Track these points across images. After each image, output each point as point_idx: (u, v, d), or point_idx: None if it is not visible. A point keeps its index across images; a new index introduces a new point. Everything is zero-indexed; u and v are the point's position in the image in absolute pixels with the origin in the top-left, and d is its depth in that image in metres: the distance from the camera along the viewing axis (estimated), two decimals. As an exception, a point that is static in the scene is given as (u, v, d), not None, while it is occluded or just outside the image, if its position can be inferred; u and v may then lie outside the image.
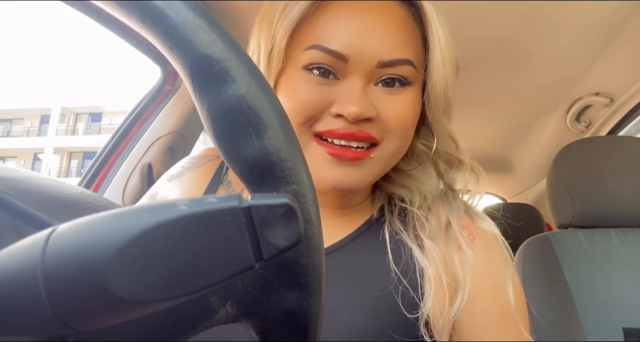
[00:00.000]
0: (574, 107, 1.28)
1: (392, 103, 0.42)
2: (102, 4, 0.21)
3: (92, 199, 0.23)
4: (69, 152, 17.37)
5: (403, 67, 0.42)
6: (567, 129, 1.38)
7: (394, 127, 0.43)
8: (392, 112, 0.42)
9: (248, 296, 0.22)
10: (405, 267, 0.47)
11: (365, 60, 0.41)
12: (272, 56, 0.44)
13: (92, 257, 0.14)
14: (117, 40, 0.91)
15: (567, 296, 0.81)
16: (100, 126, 17.08)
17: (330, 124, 0.42)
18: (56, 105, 17.06)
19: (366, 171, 0.43)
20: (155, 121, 0.99)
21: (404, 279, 0.45)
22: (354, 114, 0.40)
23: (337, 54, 0.41)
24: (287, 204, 0.16)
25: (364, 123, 0.41)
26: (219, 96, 0.20)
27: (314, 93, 0.42)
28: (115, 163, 0.96)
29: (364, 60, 0.41)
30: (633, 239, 0.86)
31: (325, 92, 0.42)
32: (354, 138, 0.41)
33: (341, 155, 0.41)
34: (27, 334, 0.16)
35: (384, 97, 0.42)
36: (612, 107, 1.23)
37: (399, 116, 0.42)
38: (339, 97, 0.41)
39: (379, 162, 0.44)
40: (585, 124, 1.34)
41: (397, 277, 0.46)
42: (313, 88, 0.42)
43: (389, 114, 0.42)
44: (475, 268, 0.45)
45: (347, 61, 0.41)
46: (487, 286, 0.46)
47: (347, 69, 0.42)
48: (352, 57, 0.41)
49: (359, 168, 0.43)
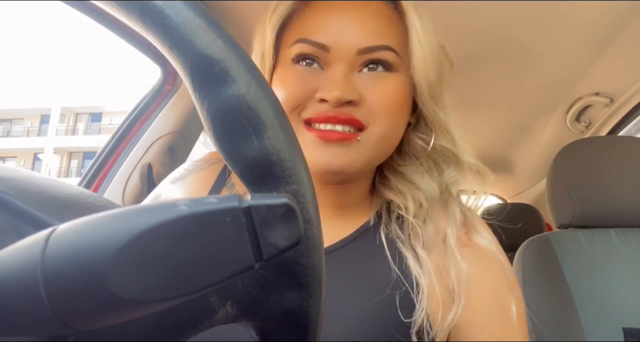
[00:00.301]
0: (574, 107, 1.28)
1: (375, 87, 0.44)
2: (102, 4, 0.21)
3: (92, 199, 0.23)
4: (69, 152, 17.38)
5: (383, 52, 0.45)
6: (567, 129, 1.38)
7: (379, 110, 0.44)
8: (376, 96, 0.44)
9: (248, 296, 0.22)
10: (401, 272, 0.47)
11: (346, 48, 0.44)
12: (264, 53, 0.48)
13: (92, 257, 0.14)
14: (117, 40, 0.91)
15: (567, 296, 0.81)
16: (100, 126, 17.09)
17: (316, 109, 0.44)
18: (56, 105, 17.06)
19: (355, 153, 0.44)
20: (155, 121, 0.99)
21: (399, 284, 0.46)
22: (335, 98, 0.42)
23: (319, 45, 0.44)
24: (287, 204, 0.16)
25: (347, 106, 0.43)
26: (218, 96, 0.20)
27: (300, 81, 0.45)
28: (115, 163, 0.96)
29: (344, 48, 0.44)
30: (633, 239, 0.86)
31: (310, 80, 0.44)
32: (337, 121, 0.43)
33: (328, 137, 0.43)
34: (27, 334, 0.16)
35: (368, 82, 0.45)
36: (612, 107, 1.23)
37: (383, 99, 0.44)
38: (323, 83, 0.44)
39: (367, 145, 0.45)
40: (585, 124, 1.34)
41: (393, 281, 0.46)
42: (299, 77, 0.45)
43: (373, 98, 0.44)
44: (472, 281, 0.46)
45: (329, 50, 0.44)
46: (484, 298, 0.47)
47: (329, 58, 0.44)
48: (333, 45, 0.44)
49: (348, 149, 0.44)
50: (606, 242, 0.86)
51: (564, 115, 1.34)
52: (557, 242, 0.88)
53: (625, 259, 0.84)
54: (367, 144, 0.45)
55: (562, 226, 0.93)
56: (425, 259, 0.47)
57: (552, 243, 0.88)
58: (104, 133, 16.18)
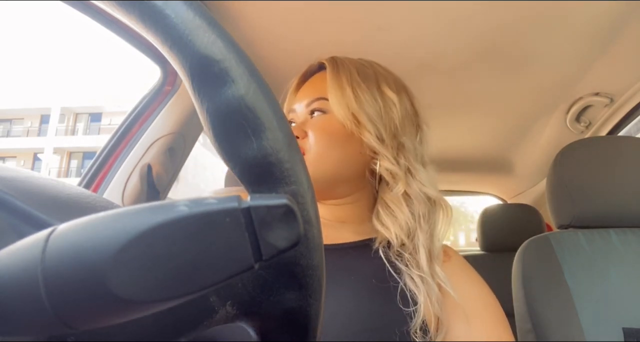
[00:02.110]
0: (574, 107, 1.28)
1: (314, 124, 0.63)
2: (102, 4, 0.21)
3: (92, 199, 0.23)
4: (69, 152, 17.36)
5: (317, 102, 0.64)
6: (567, 129, 1.37)
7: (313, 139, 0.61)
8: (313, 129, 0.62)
9: (248, 296, 0.22)
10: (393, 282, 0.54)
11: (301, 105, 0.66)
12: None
13: (92, 258, 0.14)
14: (117, 40, 0.91)
15: (567, 296, 0.81)
16: (100, 126, 17.07)
17: None
18: (56, 105, 17.05)
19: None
20: (155, 121, 0.99)
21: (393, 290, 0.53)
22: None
23: (292, 109, 0.67)
24: (287, 204, 0.16)
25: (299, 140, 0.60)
26: (218, 97, 0.20)
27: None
28: (115, 163, 0.96)
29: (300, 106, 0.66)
30: (633, 239, 0.86)
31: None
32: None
33: None
34: (27, 334, 0.16)
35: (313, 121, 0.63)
36: (612, 107, 1.23)
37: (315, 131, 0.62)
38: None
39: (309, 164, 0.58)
40: (585, 124, 1.34)
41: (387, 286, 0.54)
42: None
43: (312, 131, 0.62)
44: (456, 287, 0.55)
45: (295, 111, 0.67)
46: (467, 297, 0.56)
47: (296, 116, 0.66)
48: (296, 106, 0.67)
49: None
50: (606, 242, 0.86)
51: (564, 115, 1.34)
52: (557, 242, 0.88)
53: (625, 259, 0.84)
54: (309, 163, 0.58)
55: (562, 226, 0.93)
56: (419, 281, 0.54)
57: (552, 243, 0.88)
58: (104, 133, 16.17)
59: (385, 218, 0.59)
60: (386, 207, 0.61)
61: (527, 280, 0.86)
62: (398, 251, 0.57)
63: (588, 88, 1.19)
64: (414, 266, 0.55)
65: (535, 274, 0.86)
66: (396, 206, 0.60)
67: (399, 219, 0.58)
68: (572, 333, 0.78)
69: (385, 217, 0.59)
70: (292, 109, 0.67)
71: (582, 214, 0.88)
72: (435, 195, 0.60)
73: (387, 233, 0.58)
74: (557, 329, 0.80)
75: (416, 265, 0.55)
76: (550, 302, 0.82)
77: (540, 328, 0.81)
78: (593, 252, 0.85)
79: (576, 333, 0.78)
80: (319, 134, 0.61)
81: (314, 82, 0.68)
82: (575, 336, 0.78)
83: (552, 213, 0.95)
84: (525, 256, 0.89)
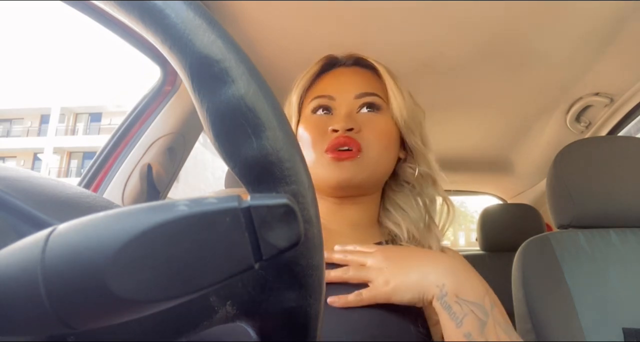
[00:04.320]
0: (574, 107, 1.28)
1: (369, 122, 0.62)
2: (102, 4, 0.21)
3: (92, 199, 0.23)
4: (69, 152, 17.36)
5: (372, 97, 0.63)
6: (567, 129, 1.37)
7: (372, 138, 0.60)
8: (369, 128, 0.61)
9: (248, 296, 0.22)
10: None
11: (345, 95, 0.63)
12: (290, 116, 0.66)
13: (92, 257, 0.14)
14: (117, 40, 0.91)
15: (567, 296, 0.81)
16: (100, 126, 17.06)
17: (330, 139, 0.60)
18: (56, 105, 17.04)
19: (358, 167, 0.59)
20: (155, 121, 0.99)
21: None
22: (341, 126, 0.59)
23: (328, 95, 0.64)
24: (287, 204, 0.16)
25: (350, 132, 0.59)
26: (218, 97, 0.20)
27: (318, 123, 0.62)
28: (115, 163, 0.96)
29: (345, 95, 0.63)
30: (633, 239, 0.86)
31: (325, 122, 0.62)
32: (345, 141, 0.58)
33: (338, 157, 0.58)
34: (27, 334, 0.16)
35: (364, 118, 0.62)
36: (612, 107, 1.23)
37: (375, 131, 0.61)
38: (333, 121, 0.61)
39: (365, 162, 0.59)
40: (585, 124, 1.34)
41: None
42: (318, 121, 0.63)
43: (368, 129, 0.61)
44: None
45: (335, 99, 0.63)
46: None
47: (335, 104, 0.63)
48: (337, 94, 0.63)
49: (352, 165, 0.58)
50: (606, 242, 0.86)
51: (564, 115, 1.34)
52: (557, 242, 0.88)
53: (625, 259, 0.84)
54: (365, 161, 0.59)
55: (562, 226, 0.93)
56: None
57: (552, 243, 0.88)
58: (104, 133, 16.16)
59: (397, 216, 0.63)
60: (398, 207, 0.64)
61: (527, 280, 0.86)
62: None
63: (588, 88, 1.19)
64: None
65: (535, 274, 0.86)
66: (407, 205, 0.64)
67: (410, 216, 0.63)
68: (572, 333, 0.78)
69: (397, 215, 0.63)
70: (327, 95, 0.64)
71: (582, 214, 0.88)
72: (444, 194, 0.65)
73: (398, 230, 0.61)
74: (557, 329, 0.80)
75: None
76: (550, 302, 0.82)
77: (540, 328, 0.81)
78: (593, 252, 0.85)
79: (576, 333, 0.78)
80: (377, 133, 0.61)
81: (357, 75, 0.66)
82: (575, 336, 0.78)
83: (552, 213, 0.95)
84: (525, 256, 0.89)
